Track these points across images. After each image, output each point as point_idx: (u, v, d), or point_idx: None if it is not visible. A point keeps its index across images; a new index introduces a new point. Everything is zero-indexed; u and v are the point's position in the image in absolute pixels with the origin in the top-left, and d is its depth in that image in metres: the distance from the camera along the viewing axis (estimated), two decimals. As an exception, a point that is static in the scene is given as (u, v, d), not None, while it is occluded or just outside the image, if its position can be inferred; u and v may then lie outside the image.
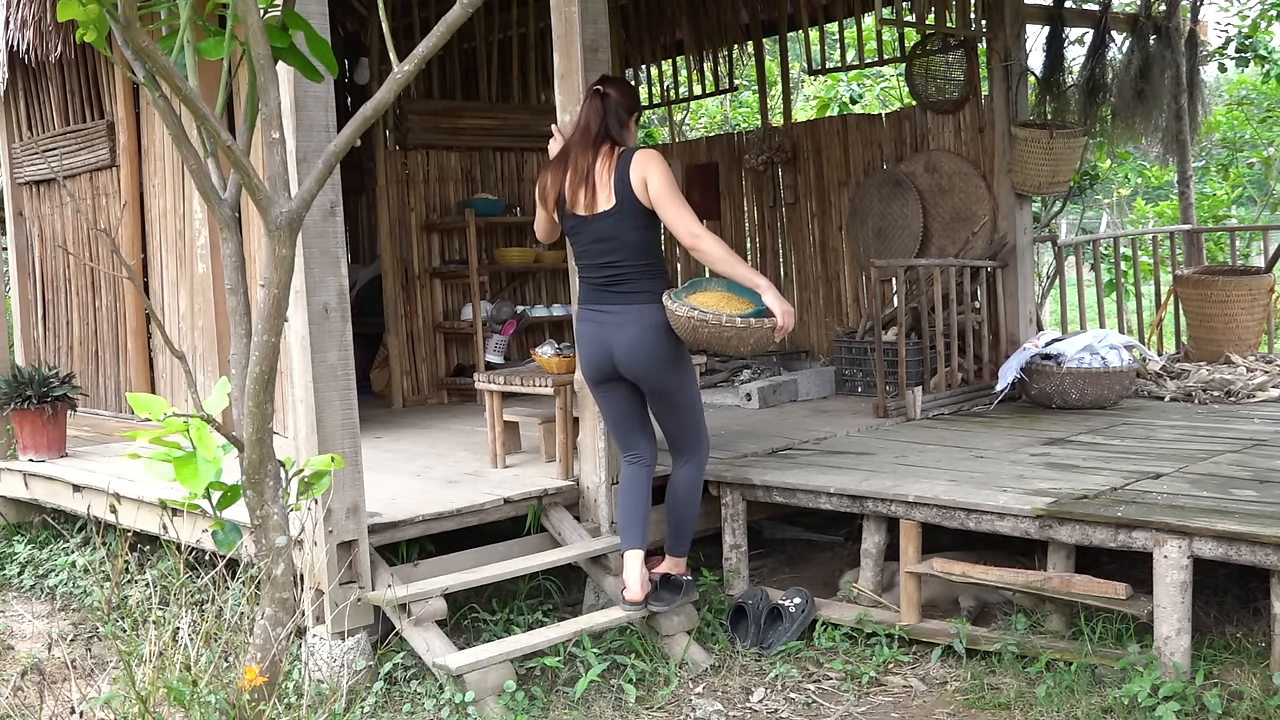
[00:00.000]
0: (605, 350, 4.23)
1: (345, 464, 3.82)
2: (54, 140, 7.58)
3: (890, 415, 6.26)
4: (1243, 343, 7.44)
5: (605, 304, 4.24)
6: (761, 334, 4.09)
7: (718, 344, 4.11)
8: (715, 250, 4.12)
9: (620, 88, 4.30)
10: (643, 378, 4.24)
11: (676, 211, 4.10)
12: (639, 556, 4.30)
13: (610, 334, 4.21)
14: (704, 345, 4.16)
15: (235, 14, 2.89)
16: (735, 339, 4.07)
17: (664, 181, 4.10)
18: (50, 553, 5.82)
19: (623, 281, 4.20)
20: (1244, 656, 3.91)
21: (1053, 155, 6.61)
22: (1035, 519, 4.09)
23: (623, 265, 4.19)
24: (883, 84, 13.41)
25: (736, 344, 4.10)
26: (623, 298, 4.20)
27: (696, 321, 4.04)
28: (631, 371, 4.23)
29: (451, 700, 3.82)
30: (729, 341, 4.09)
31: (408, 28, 7.71)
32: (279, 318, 3.00)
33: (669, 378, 4.24)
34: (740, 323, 4.05)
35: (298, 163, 3.77)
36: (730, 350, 4.17)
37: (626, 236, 4.16)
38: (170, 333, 6.56)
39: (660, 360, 4.19)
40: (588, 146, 4.20)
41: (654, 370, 4.20)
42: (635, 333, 4.16)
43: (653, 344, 4.17)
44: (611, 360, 4.23)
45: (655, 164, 4.13)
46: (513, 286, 8.36)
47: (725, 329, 4.04)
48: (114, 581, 3.36)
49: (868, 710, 3.90)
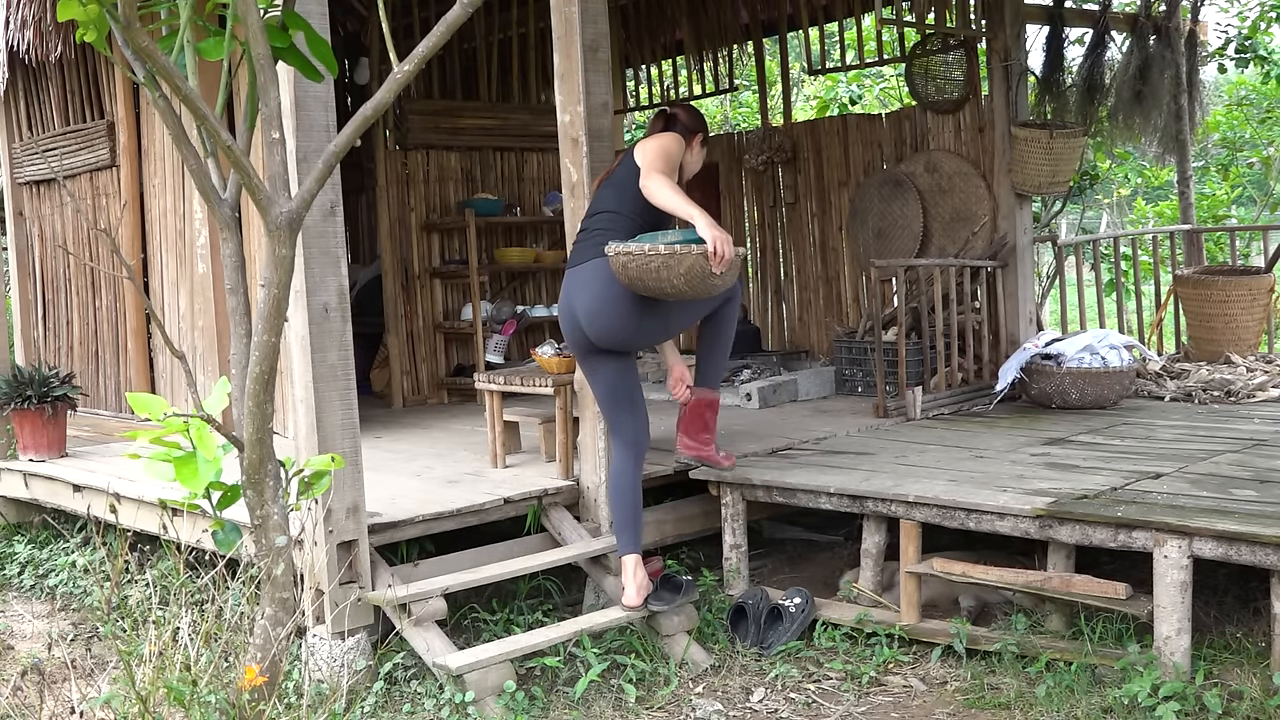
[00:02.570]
0: (572, 316, 4.25)
1: (345, 464, 3.82)
2: (54, 140, 7.58)
3: (890, 415, 6.26)
4: (1243, 343, 7.44)
5: (573, 265, 4.28)
6: (692, 261, 3.86)
7: (651, 279, 3.92)
8: (660, 185, 4.06)
9: (688, 111, 4.43)
10: (608, 335, 4.18)
11: (649, 156, 4.17)
12: (635, 561, 4.30)
13: (575, 296, 4.23)
14: (640, 286, 3.99)
15: (235, 14, 2.89)
16: (663, 268, 3.87)
17: (658, 143, 4.21)
18: (50, 553, 5.82)
19: (592, 234, 4.22)
20: (1244, 656, 3.91)
21: (1053, 155, 6.61)
22: (1035, 519, 4.09)
23: (599, 214, 4.24)
24: (883, 84, 13.41)
25: (669, 276, 3.88)
26: (585, 253, 4.22)
27: (624, 257, 3.93)
28: (596, 333, 4.18)
29: (451, 700, 3.82)
30: (658, 273, 3.88)
31: (408, 28, 7.71)
32: (279, 318, 3.00)
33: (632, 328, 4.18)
34: (664, 249, 3.86)
35: (298, 163, 3.77)
36: (667, 288, 3.94)
37: (615, 189, 4.25)
38: (170, 333, 6.56)
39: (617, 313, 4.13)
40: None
41: (616, 325, 4.14)
42: (591, 288, 4.16)
43: (606, 297, 4.12)
44: (579, 326, 4.23)
45: (664, 135, 4.26)
46: (513, 286, 8.36)
47: (650, 258, 3.87)
48: (114, 581, 3.36)
49: (868, 710, 3.90)
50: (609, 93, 4.71)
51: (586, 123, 4.62)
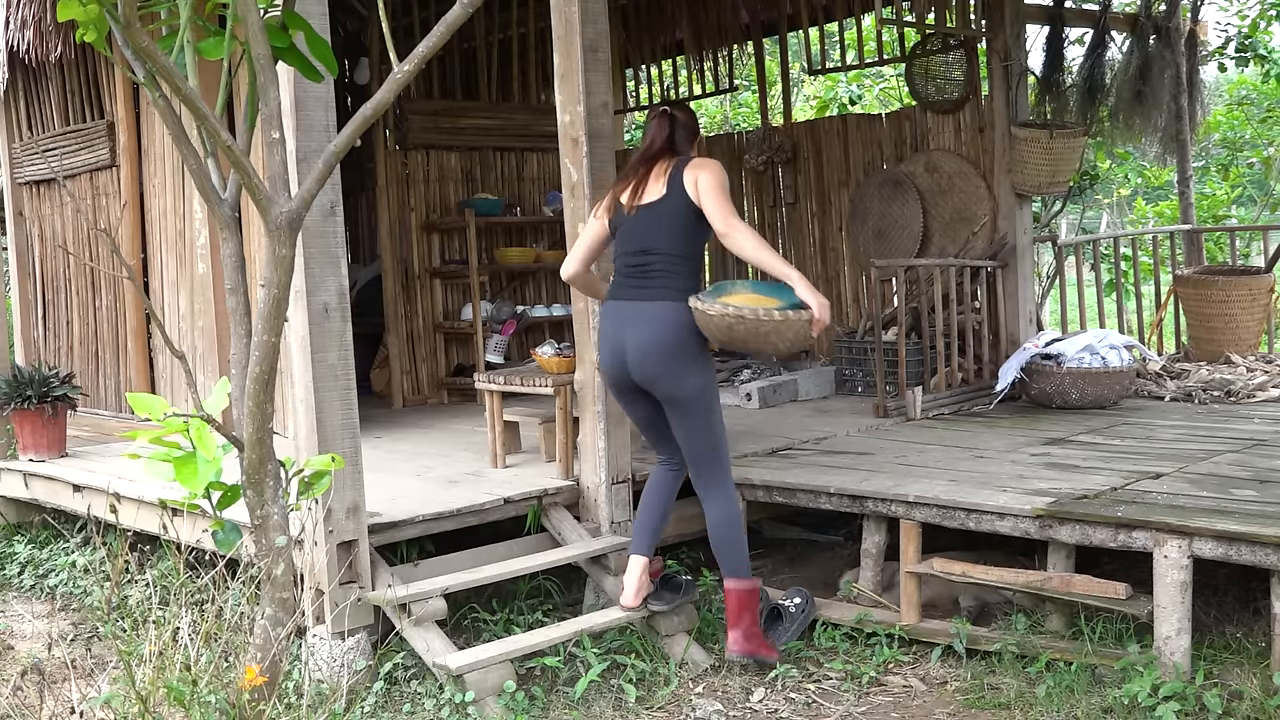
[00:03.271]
0: (619, 351, 4.08)
1: (345, 464, 3.82)
2: (54, 140, 7.57)
3: (890, 415, 6.26)
4: (1243, 343, 7.44)
5: (629, 298, 4.09)
6: (799, 327, 3.91)
7: (755, 341, 3.94)
8: (748, 239, 3.98)
9: (687, 112, 4.29)
10: (655, 380, 4.04)
11: (718, 200, 4.00)
12: (641, 564, 4.30)
13: (627, 332, 4.05)
14: (740, 344, 3.99)
15: (235, 14, 2.89)
16: (773, 333, 3.90)
17: (715, 179, 4.03)
18: (50, 553, 5.82)
19: (653, 274, 4.06)
20: (1244, 656, 3.91)
21: (1053, 155, 6.61)
22: (1035, 519, 4.09)
23: (657, 254, 4.05)
24: (883, 84, 13.41)
25: (775, 340, 3.93)
26: (649, 292, 4.05)
27: (732, 318, 3.88)
28: (643, 371, 4.04)
29: (451, 700, 3.82)
30: (766, 337, 3.91)
31: (408, 28, 7.71)
32: (279, 318, 3.00)
33: (686, 382, 4.04)
34: (778, 315, 3.88)
35: (298, 163, 3.77)
36: (768, 348, 4.00)
37: (669, 226, 4.05)
38: (170, 333, 6.56)
39: (676, 362, 4.01)
40: (648, 158, 4.16)
41: (668, 373, 4.02)
42: (655, 330, 4.00)
43: (671, 343, 4.00)
44: (624, 363, 4.07)
45: (711, 165, 4.08)
46: (513, 286, 8.36)
47: (763, 323, 3.87)
48: (114, 581, 3.36)
49: (868, 710, 3.89)
50: (609, 93, 4.71)
51: (586, 123, 4.62)
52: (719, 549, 4.21)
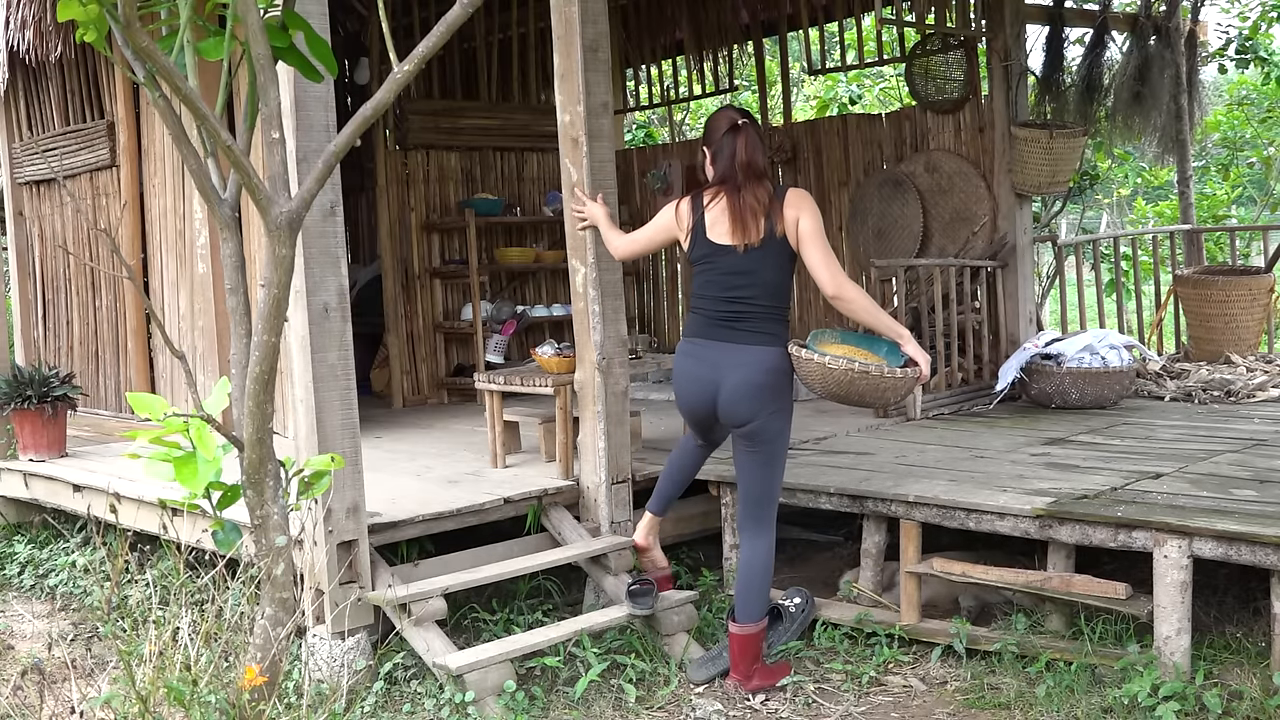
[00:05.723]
0: (709, 392, 4.04)
1: (345, 464, 3.82)
2: (54, 140, 7.57)
3: (890, 415, 6.26)
4: (1243, 343, 7.44)
5: (721, 340, 4.02)
6: (911, 384, 4.03)
7: (872, 395, 4.01)
8: (859, 299, 4.01)
9: (753, 121, 4.16)
10: (743, 418, 4.01)
11: (823, 255, 3.97)
12: (651, 519, 4.60)
13: (718, 374, 4.01)
14: (856, 397, 4.02)
15: (235, 14, 2.89)
16: (890, 390, 3.99)
17: (816, 223, 3.99)
18: (50, 553, 5.82)
19: (748, 319, 4.00)
20: (1244, 656, 3.91)
21: (1052, 155, 6.62)
22: (1035, 519, 4.09)
23: (753, 303, 3.99)
24: (883, 84, 13.41)
25: (890, 395, 4.03)
26: (743, 336, 4.00)
27: (857, 374, 3.91)
28: (733, 413, 4.01)
29: (451, 700, 3.82)
30: (884, 394, 4.01)
31: (408, 28, 7.71)
32: (279, 318, 3.00)
33: (771, 422, 4.02)
34: (899, 373, 3.96)
35: (298, 163, 3.77)
36: (880, 402, 4.09)
37: (766, 274, 3.99)
38: (170, 333, 6.56)
39: (766, 404, 3.99)
40: (752, 179, 4.01)
41: (758, 413, 3.99)
42: (749, 375, 3.97)
43: (764, 387, 3.97)
44: (713, 403, 4.04)
45: (809, 204, 4.02)
46: (513, 286, 8.36)
47: (885, 380, 3.94)
48: (114, 581, 3.36)
49: (868, 710, 3.90)
50: (609, 93, 4.71)
51: (586, 123, 4.62)
52: (747, 588, 4.11)
